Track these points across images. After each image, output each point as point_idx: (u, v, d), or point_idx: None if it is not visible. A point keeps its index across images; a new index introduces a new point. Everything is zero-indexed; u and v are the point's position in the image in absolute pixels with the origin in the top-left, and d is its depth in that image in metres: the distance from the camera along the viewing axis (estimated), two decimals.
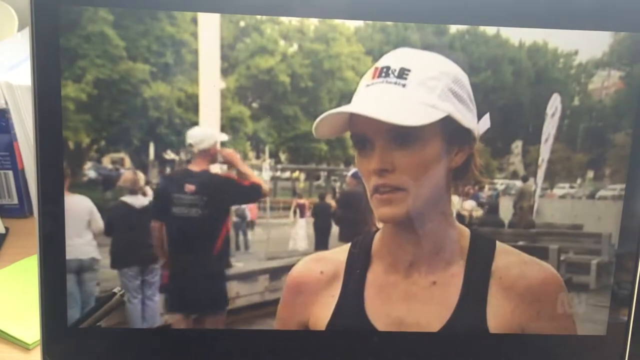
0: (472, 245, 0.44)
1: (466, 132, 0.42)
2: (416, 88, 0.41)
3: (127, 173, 0.44)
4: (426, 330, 0.45)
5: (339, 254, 0.46)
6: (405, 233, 0.44)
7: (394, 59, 0.41)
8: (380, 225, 0.45)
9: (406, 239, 0.44)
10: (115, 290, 0.45)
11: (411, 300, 0.45)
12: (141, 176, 0.44)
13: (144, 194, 0.44)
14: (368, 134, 0.42)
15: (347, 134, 0.43)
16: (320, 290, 0.45)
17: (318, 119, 0.42)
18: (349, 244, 0.46)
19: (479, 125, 0.43)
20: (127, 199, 0.44)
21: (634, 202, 0.45)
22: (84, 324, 0.44)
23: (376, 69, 0.42)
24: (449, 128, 0.42)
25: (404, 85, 0.41)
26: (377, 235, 0.45)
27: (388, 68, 0.41)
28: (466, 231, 0.45)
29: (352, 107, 0.42)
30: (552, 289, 0.45)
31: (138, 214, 0.45)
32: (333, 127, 0.43)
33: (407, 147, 0.41)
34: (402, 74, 0.41)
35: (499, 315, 0.44)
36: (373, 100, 0.41)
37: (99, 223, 0.44)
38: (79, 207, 0.44)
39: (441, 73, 0.41)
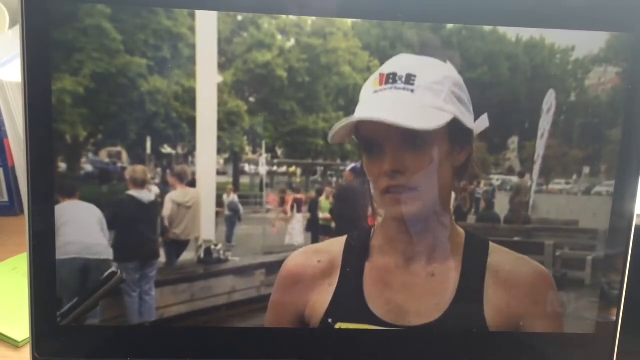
0: (467, 243, 0.46)
1: (468, 132, 0.44)
2: (424, 93, 0.42)
3: (137, 166, 0.44)
4: (425, 318, 0.45)
5: (334, 245, 0.46)
6: (407, 228, 0.45)
7: (398, 65, 0.42)
8: (378, 220, 0.45)
9: (407, 233, 0.45)
10: (114, 269, 0.45)
11: (410, 290, 0.46)
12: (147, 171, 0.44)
13: (149, 189, 0.44)
14: (378, 138, 0.43)
15: None
16: (317, 280, 0.46)
17: (334, 129, 0.42)
18: (345, 237, 0.46)
19: (477, 125, 0.44)
20: (135, 193, 0.44)
21: (623, 199, 0.45)
22: (85, 304, 0.44)
23: (382, 75, 0.42)
24: (453, 129, 0.43)
25: (412, 91, 0.42)
26: (376, 228, 0.46)
27: (395, 74, 0.42)
28: (461, 231, 0.46)
29: (368, 113, 0.42)
30: (544, 284, 0.46)
31: (145, 208, 0.45)
32: (342, 134, 0.43)
33: (417, 148, 0.43)
34: (409, 79, 0.42)
35: (496, 305, 0.45)
36: (386, 106, 0.42)
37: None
38: (90, 212, 0.44)
39: (444, 77, 0.42)
